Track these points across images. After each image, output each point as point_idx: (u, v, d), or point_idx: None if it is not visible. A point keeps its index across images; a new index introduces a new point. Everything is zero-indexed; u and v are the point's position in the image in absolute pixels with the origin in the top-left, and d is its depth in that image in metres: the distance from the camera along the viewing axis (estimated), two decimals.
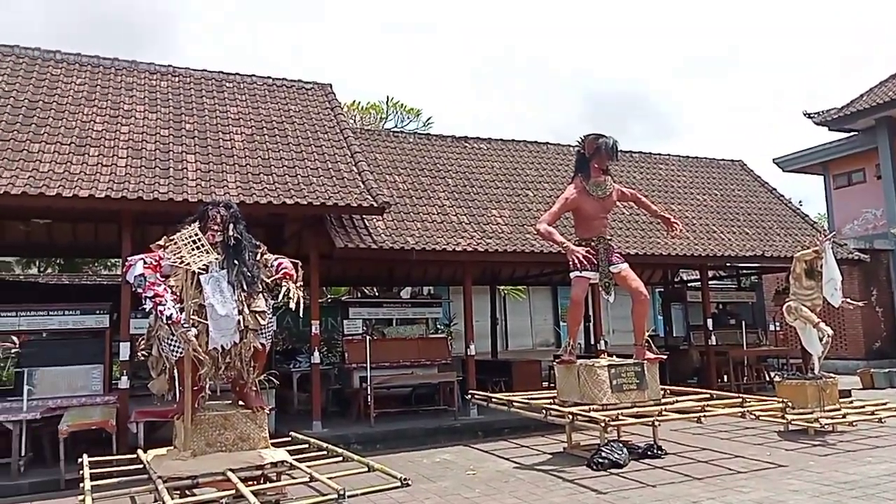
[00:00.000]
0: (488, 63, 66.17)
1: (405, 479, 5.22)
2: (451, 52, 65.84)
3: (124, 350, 8.66)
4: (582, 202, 8.24)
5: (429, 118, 24.85)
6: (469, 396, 9.87)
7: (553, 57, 69.90)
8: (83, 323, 9.23)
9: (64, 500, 6.94)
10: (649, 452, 7.60)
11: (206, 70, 11.89)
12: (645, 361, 7.96)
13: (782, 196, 16.35)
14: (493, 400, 8.89)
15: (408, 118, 24.13)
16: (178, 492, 5.44)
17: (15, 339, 14.77)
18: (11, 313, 8.89)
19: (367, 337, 11.57)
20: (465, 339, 11.42)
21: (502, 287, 19.50)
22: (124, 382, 8.56)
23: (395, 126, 23.35)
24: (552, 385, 11.52)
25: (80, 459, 6.80)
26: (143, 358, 6.36)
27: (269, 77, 12.35)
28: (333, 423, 10.20)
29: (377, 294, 16.37)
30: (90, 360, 9.18)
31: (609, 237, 8.54)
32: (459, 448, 8.94)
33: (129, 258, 5.71)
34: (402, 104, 23.84)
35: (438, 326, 14.64)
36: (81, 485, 5.93)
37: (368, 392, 10.42)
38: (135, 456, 6.82)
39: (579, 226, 8.49)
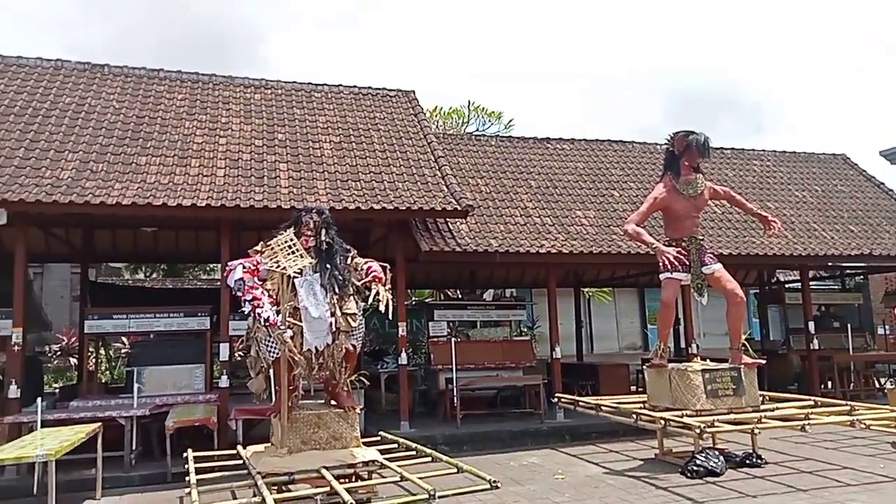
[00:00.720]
0: (567, 63, 65.33)
1: (494, 482, 5.23)
2: (530, 53, 65.47)
3: (224, 350, 9.09)
4: (672, 201, 8.00)
5: (510, 120, 24.74)
6: (555, 400, 9.75)
7: (633, 55, 68.22)
8: (186, 325, 9.76)
9: (170, 492, 7.33)
10: (748, 461, 7.27)
11: (295, 82, 12.35)
12: (742, 366, 7.63)
13: (891, 191, 15.27)
14: (581, 404, 8.74)
15: (489, 121, 24.14)
16: (276, 487, 5.67)
17: (125, 340, 15.84)
18: (123, 316, 9.52)
19: (452, 339, 11.65)
20: (549, 341, 11.31)
21: (587, 289, 19.18)
22: (224, 381, 8.97)
23: (477, 129, 23.42)
24: (641, 389, 11.24)
25: (184, 454, 7.21)
26: (241, 358, 6.67)
27: (354, 86, 12.68)
28: (420, 423, 10.32)
29: (460, 296, 16.47)
30: (193, 360, 9.71)
31: (701, 237, 8.24)
32: (546, 451, 8.85)
33: (229, 263, 6.00)
34: (482, 107, 23.87)
35: (522, 329, 14.56)
36: (187, 478, 6.28)
37: (454, 393, 10.49)
38: (234, 452, 7.16)
39: (669, 226, 8.24)
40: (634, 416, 7.57)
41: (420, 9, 66.94)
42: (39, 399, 7.52)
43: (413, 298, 18.22)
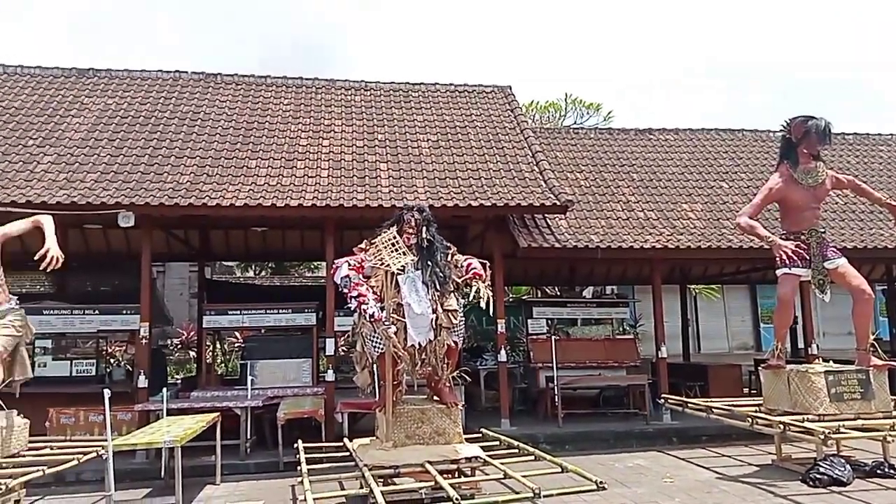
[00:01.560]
0: (669, 54, 62.94)
1: (601, 483, 5.10)
2: (629, 45, 63.57)
3: (330, 346, 9.40)
4: (789, 192, 7.51)
5: (609, 112, 24.18)
6: (662, 400, 9.41)
7: (737, 44, 64.75)
8: (294, 321, 10.17)
9: (283, 480, 7.66)
10: (879, 471, 6.72)
11: (393, 82, 12.59)
12: (870, 368, 7.07)
13: None
14: (690, 405, 8.39)
15: (587, 114, 23.68)
16: (382, 480, 5.79)
17: (237, 334, 16.72)
18: (237, 312, 10.04)
19: (552, 337, 11.50)
20: (655, 340, 10.93)
21: (693, 286, 18.39)
22: (330, 375, 9.27)
23: (575, 122, 23.02)
24: (754, 391, 10.66)
25: (295, 444, 7.51)
26: (346, 353, 6.88)
27: (450, 84, 12.77)
28: (521, 421, 10.26)
29: (559, 293, 16.22)
30: (301, 355, 10.11)
31: (822, 229, 7.69)
32: (653, 454, 8.56)
33: (335, 261, 6.18)
34: (580, 100, 23.46)
35: (625, 327, 14.15)
36: (299, 468, 6.55)
37: (555, 392, 10.34)
38: (341, 444, 7.39)
39: (787, 218, 7.74)
40: (750, 419, 7.19)
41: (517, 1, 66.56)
42: (165, 389, 8.06)
43: (510, 295, 18.14)
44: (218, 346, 15.18)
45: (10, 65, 11.33)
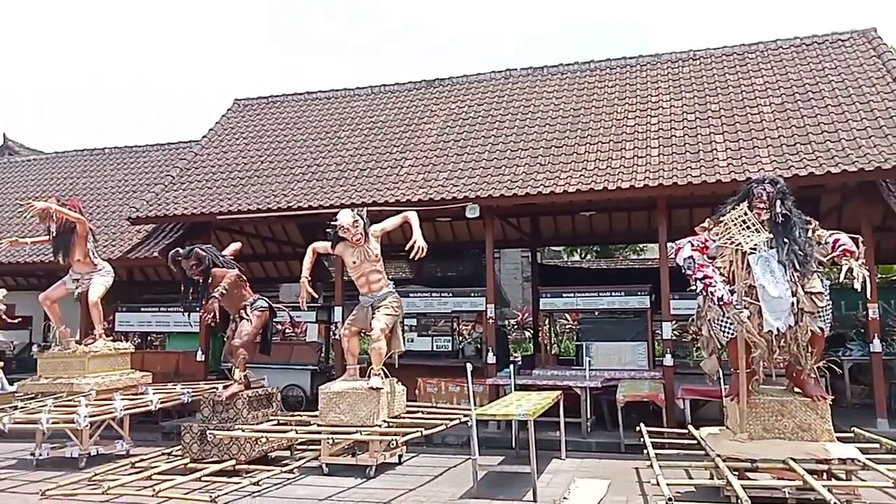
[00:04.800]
0: None
1: None
2: None
3: (666, 329, 9.12)
4: None
5: None
6: None
7: None
8: (627, 303, 10.08)
9: (625, 462, 7.69)
10: None
11: (725, 47, 11.62)
12: None
13: None
14: None
15: None
16: (736, 473, 5.44)
17: (568, 316, 17.28)
18: (571, 295, 10.36)
19: None
20: None
21: None
22: (668, 360, 8.99)
23: None
24: None
25: (637, 428, 7.48)
26: (678, 337, 6.58)
27: (795, 38, 11.30)
28: None
29: None
30: (635, 338, 9.99)
31: None
32: None
33: (677, 242, 5.96)
34: None
35: None
36: (645, 451, 6.51)
37: None
38: (685, 431, 7.13)
39: None
40: None
41: None
42: (512, 366, 8.70)
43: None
44: (548, 327, 15.88)
45: (375, 84, 13.34)
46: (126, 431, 8.50)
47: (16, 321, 10.07)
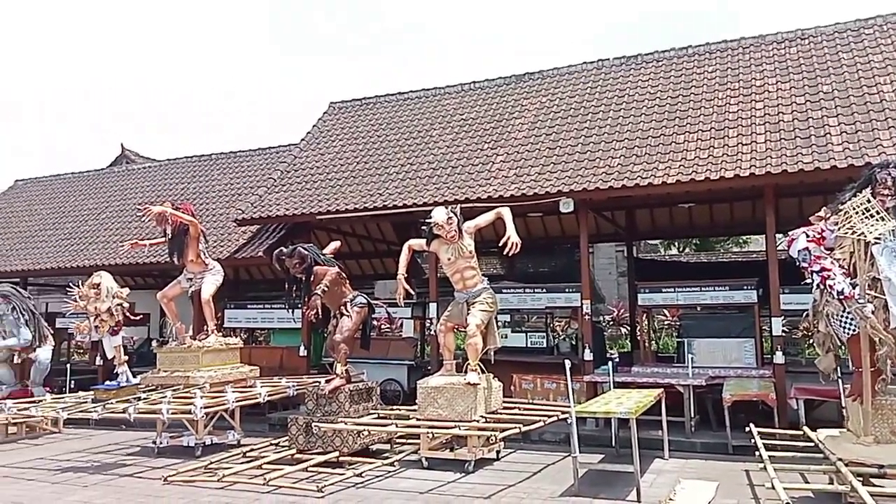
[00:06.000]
0: None
1: None
2: None
3: (776, 325, 8.65)
4: None
5: None
6: None
7: None
8: (732, 298, 9.62)
9: (733, 464, 7.36)
10: None
11: (837, 23, 10.87)
12: None
13: None
14: None
15: None
16: (861, 479, 5.09)
17: (667, 312, 16.73)
18: (671, 289, 9.99)
19: None
20: None
21: None
22: (779, 357, 8.53)
23: None
24: None
25: (746, 428, 7.14)
26: (787, 333, 6.20)
27: None
28: None
29: None
30: (740, 334, 9.53)
31: None
32: None
33: (790, 232, 5.64)
34: None
35: None
36: (757, 453, 6.21)
37: None
38: (799, 433, 6.74)
39: None
40: None
41: None
42: (610, 362, 8.51)
43: None
44: (646, 323, 15.44)
45: (465, 82, 13.37)
46: (237, 422, 8.97)
47: (136, 318, 10.80)
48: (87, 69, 77.80)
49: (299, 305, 8.53)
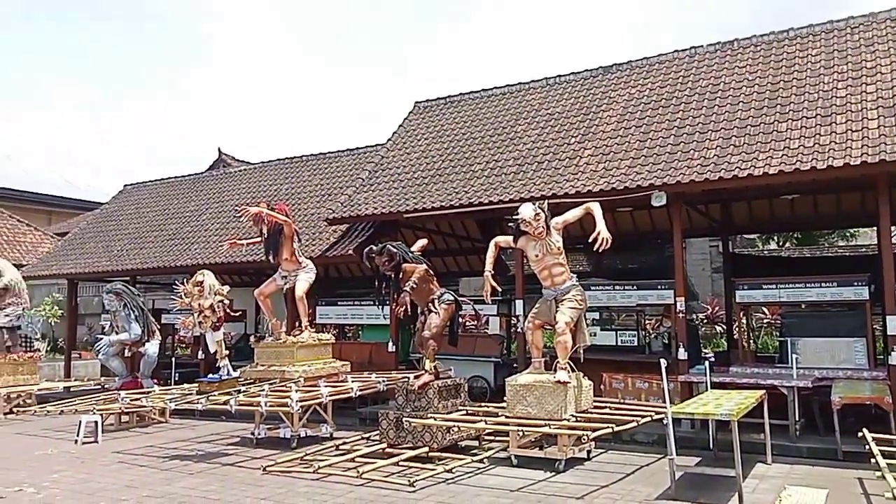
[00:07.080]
0: None
1: None
2: None
3: (891, 324, 8.04)
4: None
5: None
6: None
7: None
8: (840, 295, 9.03)
9: (844, 471, 6.93)
10: None
11: None
12: None
13: None
14: None
15: None
16: None
17: (766, 310, 15.92)
18: (772, 286, 9.48)
19: None
20: None
21: None
22: (894, 358, 7.93)
23: None
24: None
25: (858, 434, 6.69)
26: None
27: None
28: None
29: None
30: (850, 333, 8.93)
31: None
32: None
33: None
34: None
35: None
36: (873, 460, 5.80)
37: None
38: None
39: None
40: None
41: None
42: (707, 362, 8.18)
43: None
44: (744, 321, 14.74)
45: (550, 76, 13.18)
46: (329, 416, 9.22)
47: (235, 315, 11.31)
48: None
49: (388, 302, 8.67)
